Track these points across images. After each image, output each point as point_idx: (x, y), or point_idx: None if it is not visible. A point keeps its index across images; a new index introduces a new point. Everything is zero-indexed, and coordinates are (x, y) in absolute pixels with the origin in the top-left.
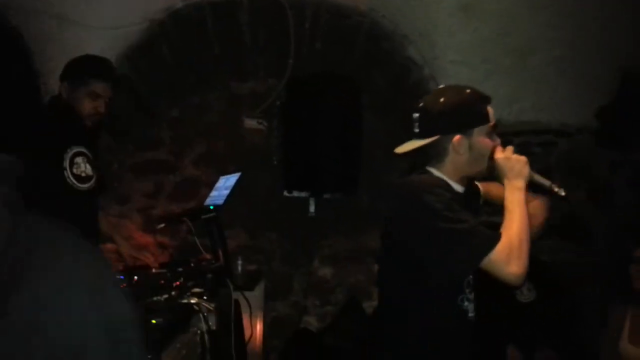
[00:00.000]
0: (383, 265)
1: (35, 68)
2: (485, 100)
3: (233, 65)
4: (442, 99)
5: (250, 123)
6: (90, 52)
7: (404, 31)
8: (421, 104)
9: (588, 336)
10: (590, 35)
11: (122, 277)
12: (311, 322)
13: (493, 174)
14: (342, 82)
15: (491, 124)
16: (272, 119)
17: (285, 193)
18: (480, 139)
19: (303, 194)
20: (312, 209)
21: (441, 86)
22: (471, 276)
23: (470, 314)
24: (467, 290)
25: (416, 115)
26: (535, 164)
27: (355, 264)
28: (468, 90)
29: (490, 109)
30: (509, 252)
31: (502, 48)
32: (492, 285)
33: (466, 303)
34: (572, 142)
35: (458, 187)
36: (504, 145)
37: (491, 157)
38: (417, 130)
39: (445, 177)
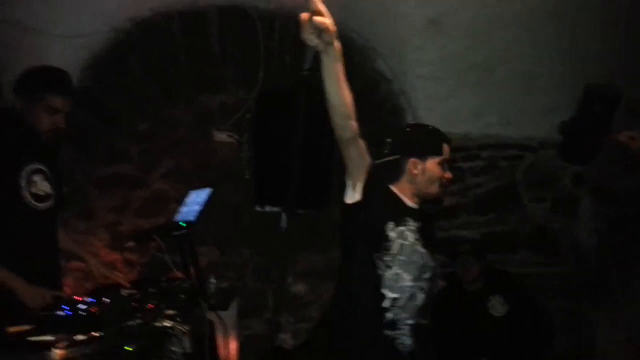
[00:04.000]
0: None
1: None
2: (443, 138)
3: (202, 78)
4: (408, 129)
5: (221, 136)
6: (53, 62)
7: (374, 45)
8: (394, 131)
9: (574, 347)
10: (555, 51)
11: (92, 299)
12: (286, 339)
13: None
14: (313, 94)
15: (444, 157)
16: (242, 132)
17: (257, 208)
18: (432, 166)
19: (275, 209)
20: (284, 224)
21: (411, 122)
22: (390, 242)
23: (385, 291)
24: (384, 257)
25: (388, 140)
26: (502, 178)
27: (329, 280)
28: (431, 127)
29: (446, 147)
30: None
31: (469, 63)
32: (464, 301)
33: (381, 269)
34: (537, 155)
35: (411, 203)
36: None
37: (440, 185)
38: (386, 151)
39: (398, 192)
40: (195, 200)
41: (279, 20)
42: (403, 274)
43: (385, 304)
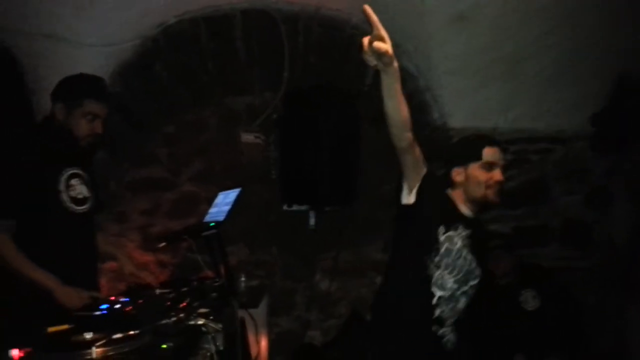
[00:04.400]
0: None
1: (29, 87)
2: (484, 142)
3: (228, 80)
4: (454, 141)
5: (248, 138)
6: (83, 70)
7: (397, 42)
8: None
9: (610, 340)
10: (584, 41)
11: (127, 299)
12: (315, 336)
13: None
14: (338, 93)
15: (484, 160)
16: (269, 133)
17: (285, 207)
18: (475, 171)
19: (303, 207)
20: (312, 222)
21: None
22: (436, 243)
23: (435, 289)
24: (434, 258)
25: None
26: (532, 172)
27: (357, 277)
28: (473, 136)
29: (488, 150)
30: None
31: (496, 57)
32: (495, 296)
33: (431, 270)
34: (568, 148)
35: (466, 211)
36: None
37: (488, 187)
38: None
39: (454, 199)
40: (224, 201)
41: (303, 22)
42: (446, 275)
43: (434, 301)
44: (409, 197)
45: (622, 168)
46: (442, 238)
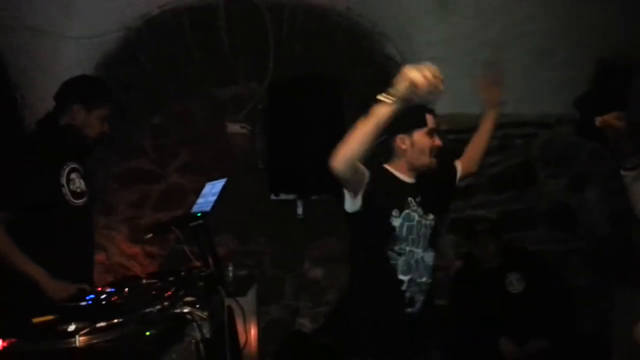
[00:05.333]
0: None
1: (12, 82)
2: (424, 109)
3: (213, 71)
4: None
5: (234, 128)
6: (68, 63)
7: (382, 29)
8: None
9: (595, 324)
10: (567, 26)
11: (112, 289)
12: (305, 323)
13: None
14: (323, 82)
15: (429, 127)
16: (255, 123)
17: (273, 196)
18: (420, 138)
19: (290, 197)
20: (300, 211)
21: None
22: (398, 231)
23: (403, 277)
24: (394, 247)
25: None
26: (517, 156)
27: (345, 264)
28: (413, 104)
29: (429, 117)
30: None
31: (481, 42)
32: (480, 278)
33: (394, 259)
34: (553, 132)
35: (406, 178)
36: None
37: (431, 154)
38: None
39: (393, 170)
40: (210, 192)
41: (288, 10)
42: (415, 249)
43: (403, 287)
44: (354, 203)
45: (606, 151)
46: (398, 222)
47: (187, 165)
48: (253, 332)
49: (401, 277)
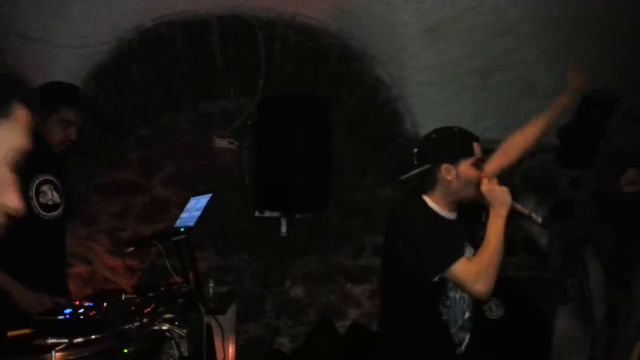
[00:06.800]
0: (382, 278)
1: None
2: (471, 137)
3: (203, 85)
4: (434, 135)
5: (221, 143)
6: (58, 72)
7: (372, 52)
8: (419, 140)
9: None
10: (552, 57)
11: (90, 304)
12: (284, 342)
13: (483, 201)
14: (313, 101)
15: (476, 157)
16: (243, 139)
17: (257, 213)
18: (466, 169)
19: (275, 214)
20: (283, 229)
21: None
22: (444, 287)
23: (453, 329)
24: (445, 300)
25: (415, 149)
26: (499, 182)
27: (326, 284)
28: (456, 129)
29: (476, 145)
30: (478, 272)
31: (467, 69)
32: None
33: (445, 315)
34: (535, 160)
35: (447, 214)
36: None
37: (478, 186)
38: (415, 162)
39: (434, 206)
40: (195, 207)
41: (280, 29)
42: (464, 305)
43: (454, 339)
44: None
45: (586, 180)
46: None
47: (172, 178)
48: (231, 350)
49: (452, 331)
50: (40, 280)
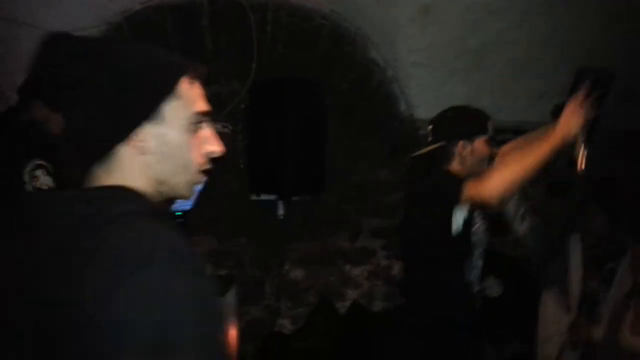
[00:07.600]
0: (404, 238)
1: None
2: (486, 116)
3: None
4: (450, 113)
5: (215, 127)
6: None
7: (365, 34)
8: (434, 118)
9: None
10: (547, 36)
11: None
12: (285, 324)
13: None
14: (306, 84)
15: (489, 134)
16: (236, 123)
17: (253, 196)
18: (481, 145)
19: (271, 197)
20: (280, 211)
21: (454, 106)
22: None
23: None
24: (468, 262)
25: (430, 126)
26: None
27: (325, 265)
28: (471, 108)
29: (490, 122)
30: (498, 175)
31: (461, 50)
32: None
33: (467, 277)
34: None
35: None
36: None
37: (490, 163)
38: (430, 138)
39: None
40: None
41: (272, 11)
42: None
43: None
44: (459, 223)
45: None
46: (475, 237)
47: None
48: (233, 332)
49: (472, 285)
50: None
